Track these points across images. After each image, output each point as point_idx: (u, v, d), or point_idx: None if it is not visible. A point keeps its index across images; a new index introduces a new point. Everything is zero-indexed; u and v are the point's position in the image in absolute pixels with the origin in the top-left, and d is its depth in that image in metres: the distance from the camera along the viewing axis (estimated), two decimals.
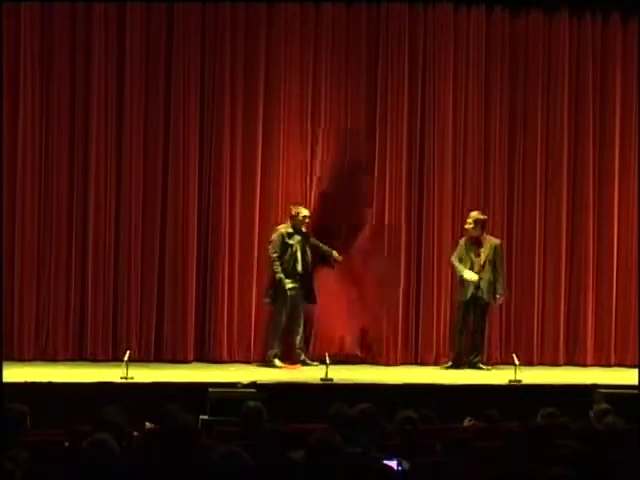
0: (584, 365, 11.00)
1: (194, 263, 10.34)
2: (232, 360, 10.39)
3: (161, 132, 10.33)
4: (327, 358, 9.38)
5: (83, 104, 10.17)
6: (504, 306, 10.93)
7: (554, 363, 10.96)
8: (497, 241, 10.54)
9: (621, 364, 10.97)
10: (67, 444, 6.16)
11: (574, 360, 11.06)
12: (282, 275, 10.06)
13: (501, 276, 10.46)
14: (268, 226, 10.43)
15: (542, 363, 10.93)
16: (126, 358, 9.13)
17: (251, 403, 6.80)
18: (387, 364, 10.62)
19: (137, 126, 10.26)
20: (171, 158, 10.33)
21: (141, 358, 9.97)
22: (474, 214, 10.45)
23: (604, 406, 7.10)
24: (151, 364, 9.99)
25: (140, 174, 10.27)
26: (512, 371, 9.56)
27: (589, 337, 11.09)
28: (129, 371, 9.00)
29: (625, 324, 11.11)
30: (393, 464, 5.13)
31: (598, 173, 11.19)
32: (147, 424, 7.12)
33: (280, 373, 9.91)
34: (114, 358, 9.95)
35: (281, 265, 10.08)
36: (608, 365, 11.02)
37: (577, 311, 11.13)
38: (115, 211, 10.23)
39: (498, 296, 10.48)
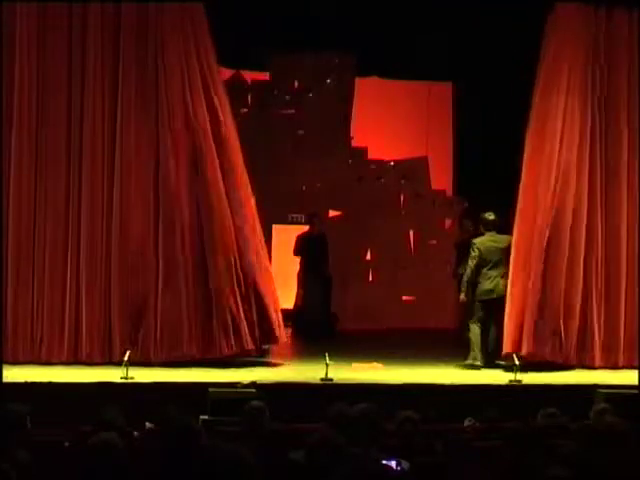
0: (592, 368, 10.73)
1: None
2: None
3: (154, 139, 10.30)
4: (327, 358, 9.37)
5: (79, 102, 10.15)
6: None
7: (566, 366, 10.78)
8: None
9: (630, 366, 10.77)
10: (67, 444, 6.17)
11: (584, 362, 10.85)
12: None
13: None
14: None
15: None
16: (126, 358, 9.13)
17: (254, 402, 6.81)
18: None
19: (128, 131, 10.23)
20: (163, 157, 10.24)
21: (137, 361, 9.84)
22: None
23: (604, 406, 7.11)
24: (151, 364, 9.96)
25: (134, 175, 10.20)
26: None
27: (596, 340, 10.94)
28: (129, 371, 9.00)
29: (633, 327, 10.95)
30: (392, 464, 5.13)
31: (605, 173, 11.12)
32: (147, 424, 7.13)
33: (280, 373, 9.91)
34: (110, 362, 9.87)
35: None
36: (616, 367, 10.75)
37: (585, 314, 10.98)
38: (109, 213, 10.18)
39: None
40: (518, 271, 10.51)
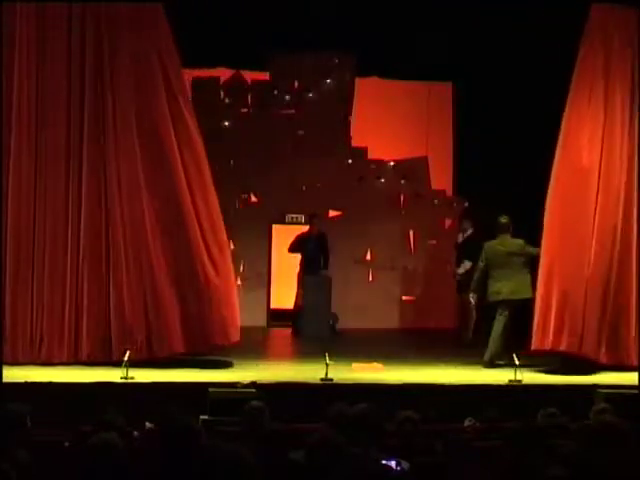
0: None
1: None
2: None
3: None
4: (327, 358, 9.37)
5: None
6: None
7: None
8: None
9: None
10: (67, 444, 6.17)
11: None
12: None
13: None
14: None
15: None
16: (126, 358, 9.12)
17: (254, 402, 6.81)
18: None
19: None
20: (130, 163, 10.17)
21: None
22: None
23: (603, 406, 7.11)
24: (151, 364, 9.96)
25: (125, 177, 10.12)
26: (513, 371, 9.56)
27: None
28: (129, 371, 9.00)
29: None
30: (392, 464, 5.13)
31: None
32: (147, 424, 7.13)
33: (280, 373, 9.91)
34: (110, 362, 9.76)
35: None
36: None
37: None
38: (108, 214, 10.14)
39: None
40: (554, 270, 10.37)
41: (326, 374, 9.28)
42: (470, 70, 14.55)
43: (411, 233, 15.73)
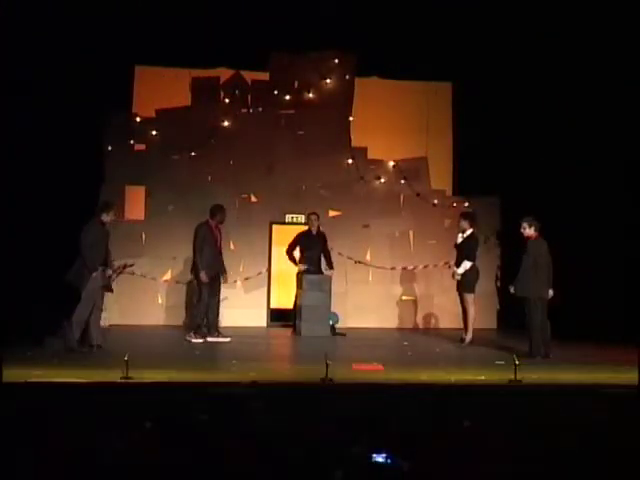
0: None
1: None
2: None
3: None
4: (326, 358, 9.36)
5: None
6: None
7: None
8: None
9: None
10: (68, 444, 6.17)
11: None
12: None
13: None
14: None
15: None
16: (126, 358, 9.12)
17: (254, 403, 6.82)
18: None
19: None
20: None
21: None
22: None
23: (602, 406, 7.12)
24: (151, 364, 9.97)
25: None
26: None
27: None
28: (129, 371, 9.00)
29: None
30: (381, 458, 5.13)
31: None
32: (147, 424, 7.13)
33: (280, 373, 9.91)
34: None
35: None
36: None
37: None
38: None
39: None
40: None
41: (326, 374, 9.27)
42: (470, 70, 14.57)
43: (411, 233, 15.74)
